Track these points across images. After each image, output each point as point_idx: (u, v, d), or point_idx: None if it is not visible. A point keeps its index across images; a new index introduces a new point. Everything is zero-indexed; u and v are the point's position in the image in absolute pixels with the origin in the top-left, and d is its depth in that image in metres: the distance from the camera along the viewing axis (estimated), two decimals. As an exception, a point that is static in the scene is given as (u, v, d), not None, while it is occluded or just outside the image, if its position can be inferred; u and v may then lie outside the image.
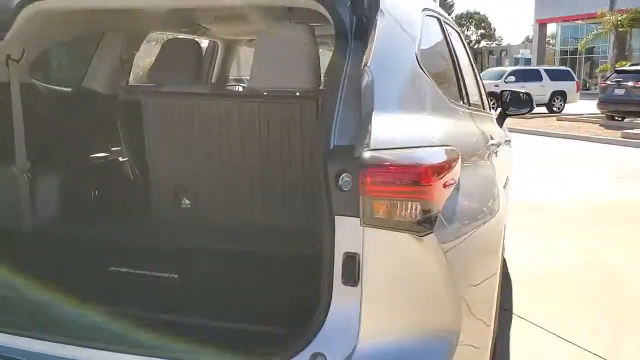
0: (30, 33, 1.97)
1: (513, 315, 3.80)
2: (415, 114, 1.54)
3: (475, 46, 70.50)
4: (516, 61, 53.00)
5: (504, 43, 71.45)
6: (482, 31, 72.73)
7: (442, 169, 1.38)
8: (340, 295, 1.33)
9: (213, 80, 3.87)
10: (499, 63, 53.45)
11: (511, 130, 15.35)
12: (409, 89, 1.60)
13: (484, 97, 3.33)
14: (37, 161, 2.09)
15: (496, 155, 2.51)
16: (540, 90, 21.98)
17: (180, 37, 2.87)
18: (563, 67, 27.10)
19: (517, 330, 3.60)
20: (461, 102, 2.25)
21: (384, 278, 1.34)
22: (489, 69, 28.27)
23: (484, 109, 3.14)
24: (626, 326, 3.69)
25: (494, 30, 74.45)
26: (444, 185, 1.38)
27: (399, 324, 1.35)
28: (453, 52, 2.38)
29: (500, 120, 4.01)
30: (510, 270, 4.52)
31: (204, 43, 3.83)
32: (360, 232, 1.30)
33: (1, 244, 1.90)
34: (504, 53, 62.54)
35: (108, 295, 1.73)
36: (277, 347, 1.36)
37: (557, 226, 6.23)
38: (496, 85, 21.37)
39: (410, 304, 1.37)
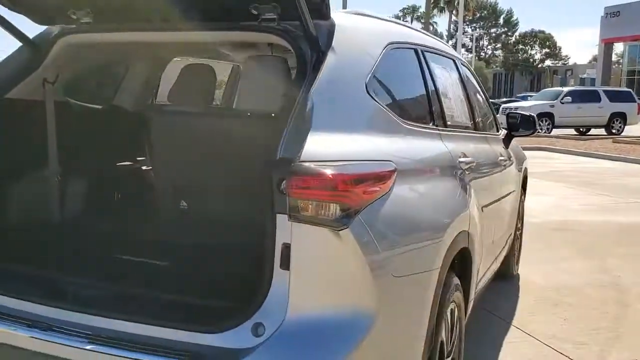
0: (62, 61, 2.41)
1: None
2: (353, 133, 1.85)
3: (539, 65, 69.27)
4: (582, 81, 51.65)
5: (571, 62, 69.75)
6: (547, 50, 71.28)
7: (360, 178, 1.70)
8: (277, 277, 1.66)
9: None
10: (563, 83, 52.29)
11: (567, 151, 15.29)
12: (351, 113, 1.91)
13: (482, 118, 3.60)
14: (68, 166, 2.52)
15: (472, 172, 2.76)
16: (599, 111, 21.56)
17: (197, 62, 3.26)
18: (624, 88, 26.41)
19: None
20: (430, 124, 2.55)
21: (308, 263, 1.65)
22: (545, 90, 27.82)
23: (477, 129, 3.41)
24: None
25: (560, 49, 72.88)
26: (365, 192, 1.69)
27: (319, 301, 1.67)
28: (427, 79, 2.67)
29: (507, 141, 4.26)
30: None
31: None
32: (290, 227, 1.64)
33: (31, 231, 2.32)
34: (569, 73, 61.06)
35: (105, 275, 2.12)
36: (230, 317, 1.70)
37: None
38: (551, 106, 21.15)
39: (329, 285, 1.68)
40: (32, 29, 2.45)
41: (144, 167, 2.96)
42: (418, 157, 2.21)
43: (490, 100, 4.34)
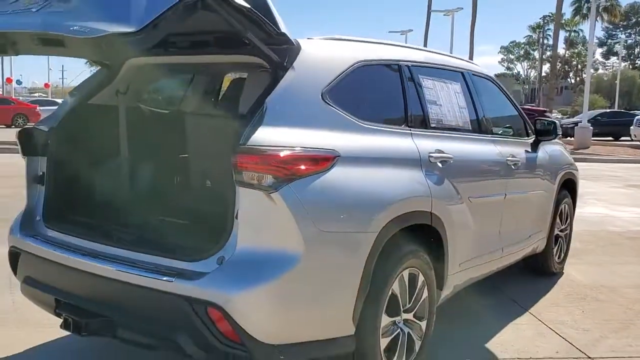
0: (130, 75, 3.37)
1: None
2: (301, 128, 2.55)
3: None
4: None
5: None
6: None
7: (291, 159, 2.40)
8: (234, 226, 2.43)
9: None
10: None
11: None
12: (302, 114, 2.61)
13: (491, 124, 4.11)
14: (135, 155, 3.46)
15: (449, 166, 3.32)
16: None
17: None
18: None
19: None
20: (401, 125, 3.17)
21: (250, 215, 2.39)
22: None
23: (480, 132, 3.94)
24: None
25: None
26: (294, 169, 2.40)
27: (257, 242, 2.41)
28: (407, 88, 3.28)
29: (534, 145, 4.69)
30: None
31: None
32: (238, 190, 2.40)
33: (101, 199, 3.29)
34: None
35: (138, 227, 3.04)
36: (205, 252, 2.49)
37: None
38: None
39: (264, 231, 2.40)
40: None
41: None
42: (370, 149, 2.86)
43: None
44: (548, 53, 63.54)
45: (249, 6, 2.32)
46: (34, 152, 3.16)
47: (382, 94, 3.28)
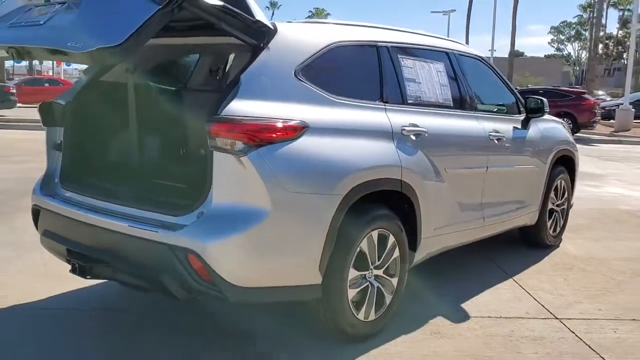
0: (137, 57, 3.78)
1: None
2: (272, 101, 2.91)
3: None
4: None
5: None
6: None
7: (258, 128, 2.77)
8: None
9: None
10: None
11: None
12: (274, 89, 2.96)
13: (475, 101, 4.38)
14: (138, 126, 3.87)
15: (423, 139, 3.63)
16: None
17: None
18: None
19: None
20: (376, 100, 3.49)
21: (223, 176, 2.76)
22: None
23: (462, 109, 4.22)
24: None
25: None
26: (262, 136, 2.76)
27: (229, 199, 2.78)
28: (385, 67, 3.59)
29: (525, 122, 4.94)
30: None
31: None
32: (212, 154, 2.79)
33: (110, 164, 3.74)
34: None
35: (136, 187, 3.48)
36: (187, 208, 2.89)
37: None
38: None
39: (236, 190, 2.77)
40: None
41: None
42: (340, 121, 3.20)
43: None
44: (601, 33, 61.60)
45: (221, 4, 2.70)
46: (53, 123, 3.62)
47: (357, 72, 3.60)
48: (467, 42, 46.53)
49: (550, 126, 5.41)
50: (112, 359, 3.18)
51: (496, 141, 4.42)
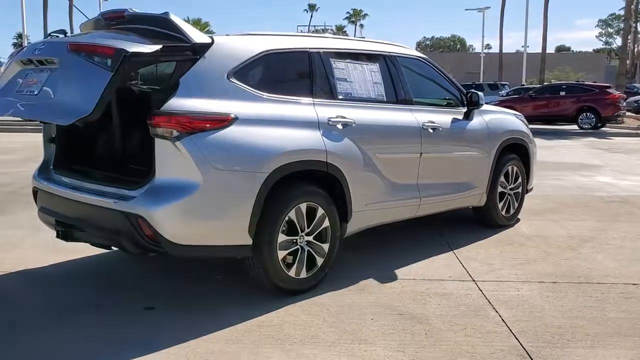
0: None
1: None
2: (207, 99, 3.67)
3: None
4: None
5: None
6: None
7: (191, 119, 3.54)
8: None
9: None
10: None
11: None
12: (209, 89, 3.70)
13: (408, 96, 5.04)
14: (113, 122, 4.67)
15: (350, 129, 4.34)
16: None
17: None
18: None
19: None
20: (306, 97, 4.21)
21: (163, 157, 3.53)
22: None
23: (395, 103, 4.90)
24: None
25: None
26: (193, 125, 3.53)
27: (168, 174, 3.53)
28: (316, 70, 4.32)
29: (467, 113, 5.59)
30: None
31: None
32: (154, 140, 3.58)
33: (86, 151, 4.59)
34: None
35: (107, 169, 4.32)
36: (139, 183, 3.68)
37: None
38: None
39: (172, 168, 3.52)
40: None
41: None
42: (267, 114, 3.95)
43: None
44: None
45: (159, 47, 3.54)
46: None
47: (288, 73, 4.34)
48: (500, 38, 46.41)
49: (498, 117, 6.03)
50: (89, 303, 4.02)
51: (431, 130, 5.08)
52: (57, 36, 4.22)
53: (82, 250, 4.78)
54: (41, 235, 5.46)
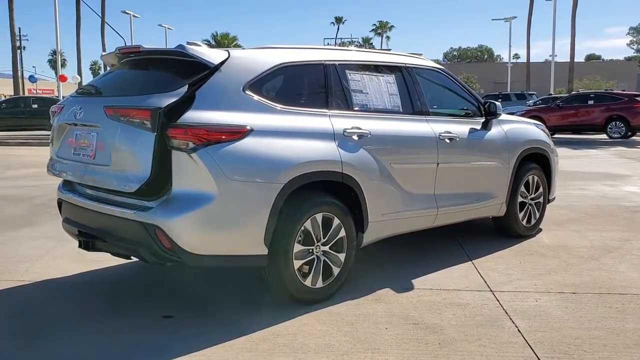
0: None
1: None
2: (222, 111, 3.74)
3: None
4: None
5: None
6: None
7: (207, 130, 3.61)
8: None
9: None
10: None
11: None
12: (225, 102, 3.78)
13: (425, 107, 5.07)
14: None
15: (366, 140, 4.38)
16: None
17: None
18: None
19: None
20: (321, 109, 4.26)
21: (180, 169, 3.60)
22: None
23: (413, 114, 4.93)
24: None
25: None
26: (209, 138, 3.61)
27: (185, 186, 3.60)
28: (332, 82, 4.38)
29: (485, 123, 5.59)
30: None
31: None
32: (170, 152, 3.66)
33: None
34: None
35: None
36: (157, 195, 3.76)
37: None
38: None
39: (189, 178, 3.59)
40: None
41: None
42: (282, 126, 4.01)
43: None
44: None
45: (187, 92, 3.76)
46: None
47: (303, 86, 4.41)
48: (528, 48, 46.09)
49: (517, 127, 6.01)
50: (110, 311, 4.11)
51: (447, 140, 5.09)
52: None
53: (106, 260, 4.88)
54: (67, 246, 5.59)
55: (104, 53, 4.81)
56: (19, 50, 47.05)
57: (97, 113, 3.94)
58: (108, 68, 4.83)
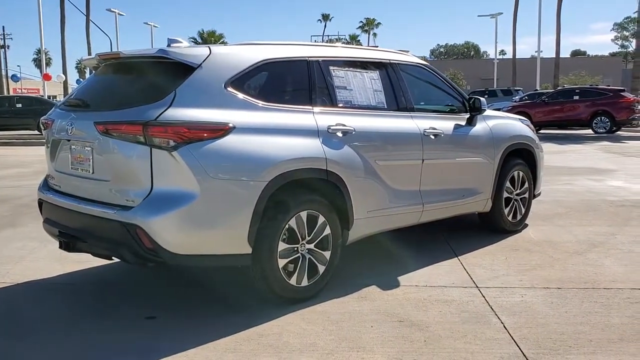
0: None
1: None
2: (202, 109, 3.69)
3: None
4: None
5: None
6: None
7: (187, 128, 3.55)
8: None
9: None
10: None
11: None
12: (205, 99, 3.72)
13: (409, 103, 5.03)
14: None
15: (350, 136, 4.34)
16: None
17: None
18: None
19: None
20: (304, 105, 4.21)
21: (160, 167, 3.52)
22: None
23: (397, 110, 4.90)
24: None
25: None
26: (189, 135, 3.55)
27: (166, 184, 3.55)
28: (315, 78, 4.33)
29: (470, 119, 5.58)
30: None
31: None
32: (150, 150, 3.60)
33: None
34: None
35: None
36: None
37: None
38: None
39: (170, 177, 3.52)
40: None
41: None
42: (265, 123, 3.96)
43: None
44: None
45: (173, 95, 3.71)
46: None
47: (286, 82, 4.36)
48: (514, 44, 46.26)
49: (502, 122, 6.00)
50: (92, 312, 4.06)
51: (432, 136, 5.07)
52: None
53: (89, 261, 4.82)
54: (50, 247, 5.52)
55: (84, 58, 4.74)
56: (2, 49, 46.52)
57: (88, 130, 3.89)
58: (92, 70, 4.75)
